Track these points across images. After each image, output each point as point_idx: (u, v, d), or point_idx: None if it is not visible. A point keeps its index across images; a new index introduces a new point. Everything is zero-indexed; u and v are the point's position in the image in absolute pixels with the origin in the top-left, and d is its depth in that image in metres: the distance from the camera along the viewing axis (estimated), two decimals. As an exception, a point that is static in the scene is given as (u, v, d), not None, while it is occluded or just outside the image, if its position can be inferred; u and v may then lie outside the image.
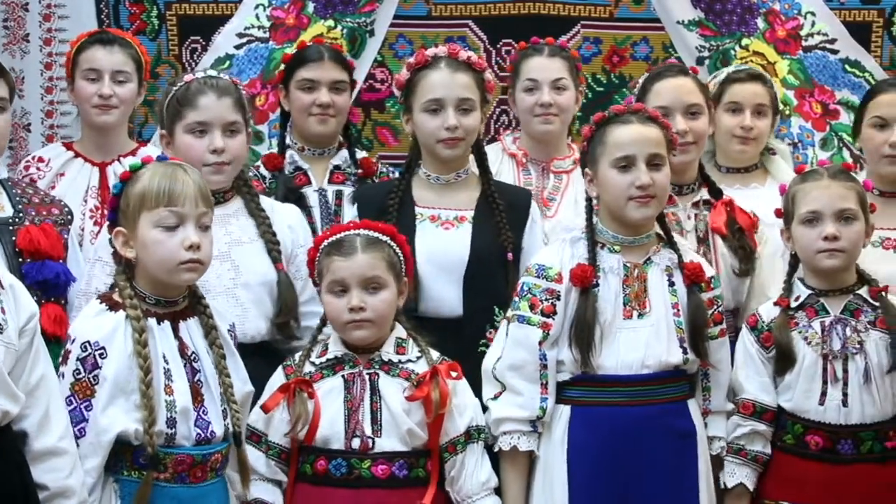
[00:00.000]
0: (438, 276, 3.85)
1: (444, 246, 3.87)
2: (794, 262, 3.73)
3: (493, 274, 3.86)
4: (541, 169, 4.53)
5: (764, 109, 4.45)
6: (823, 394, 3.56)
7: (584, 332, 3.52)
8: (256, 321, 3.78)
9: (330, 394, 3.49)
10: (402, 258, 3.60)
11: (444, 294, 3.87)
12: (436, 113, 3.91)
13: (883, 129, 4.06)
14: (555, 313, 3.57)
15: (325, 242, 3.59)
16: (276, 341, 3.82)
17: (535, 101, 4.46)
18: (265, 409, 3.47)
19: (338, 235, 3.58)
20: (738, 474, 3.60)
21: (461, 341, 3.79)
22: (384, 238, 3.58)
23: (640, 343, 3.54)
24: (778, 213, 3.78)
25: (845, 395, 3.56)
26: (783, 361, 3.59)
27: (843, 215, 3.59)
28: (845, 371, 3.57)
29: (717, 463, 3.65)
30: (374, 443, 3.45)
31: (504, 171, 4.46)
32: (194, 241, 3.21)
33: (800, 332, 3.61)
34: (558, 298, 3.57)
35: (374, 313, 3.50)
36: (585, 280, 3.55)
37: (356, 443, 3.45)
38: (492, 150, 4.50)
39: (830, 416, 3.55)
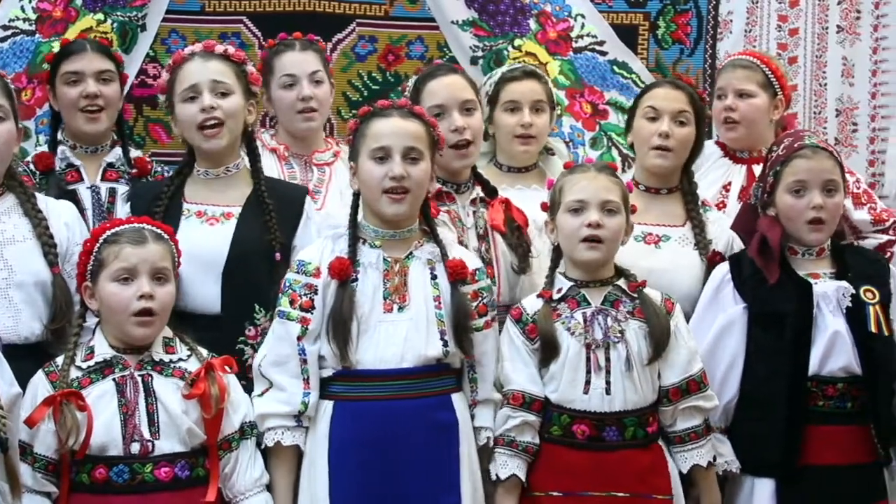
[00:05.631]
0: (198, 272, 3.80)
1: (205, 242, 3.83)
2: (556, 256, 3.82)
3: (255, 271, 3.82)
4: (303, 163, 4.55)
5: (541, 106, 4.47)
6: (588, 382, 3.64)
7: (339, 326, 3.54)
8: (30, 322, 3.70)
9: (102, 399, 3.41)
10: (176, 259, 3.58)
11: (204, 290, 3.82)
12: (192, 100, 3.90)
13: (654, 121, 4.17)
14: (313, 308, 3.59)
15: (109, 232, 3.51)
16: (49, 344, 3.71)
17: (295, 96, 4.48)
18: (30, 423, 3.34)
19: (123, 227, 3.52)
20: (510, 465, 3.64)
21: (220, 338, 3.75)
22: (166, 235, 3.56)
23: (398, 337, 3.57)
24: (544, 207, 3.85)
25: (608, 383, 3.65)
26: (547, 351, 3.67)
27: (606, 206, 3.69)
28: (608, 360, 3.66)
29: (487, 454, 3.69)
30: (153, 445, 3.39)
31: (267, 166, 4.41)
32: None
33: (563, 323, 3.69)
34: (316, 293, 3.60)
35: (160, 305, 3.46)
36: (343, 273, 3.58)
37: (135, 447, 3.38)
38: None
39: (595, 404, 3.64)
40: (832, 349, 3.79)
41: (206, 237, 3.85)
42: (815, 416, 3.79)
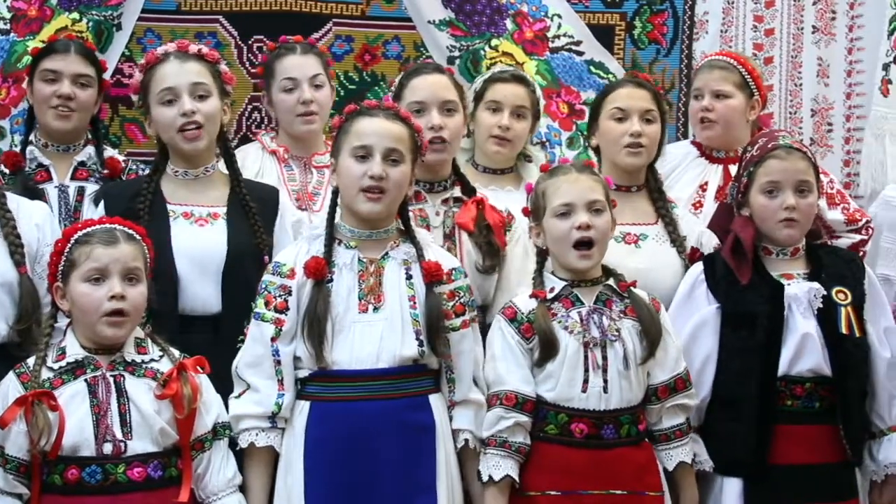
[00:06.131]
0: (194, 273, 3.82)
1: (200, 243, 3.85)
2: (542, 258, 3.82)
3: (250, 270, 3.82)
4: (303, 165, 4.56)
5: (523, 112, 4.49)
6: (586, 381, 3.64)
7: (314, 326, 3.53)
8: None
9: (74, 399, 3.39)
10: (148, 259, 3.56)
11: (203, 291, 3.84)
12: (171, 104, 3.90)
13: (622, 121, 4.18)
14: (287, 309, 3.59)
15: (81, 233, 3.49)
16: (15, 345, 3.69)
17: (295, 99, 4.48)
18: (1, 424, 3.32)
19: (95, 227, 3.50)
20: (504, 466, 3.61)
21: (220, 338, 3.77)
22: (138, 236, 3.54)
23: (374, 337, 3.56)
24: (525, 212, 3.85)
25: (605, 381, 3.64)
26: (546, 350, 3.65)
27: (593, 207, 3.70)
28: (604, 358, 3.66)
29: (466, 455, 3.68)
30: (126, 446, 3.38)
31: (267, 168, 4.46)
32: None
33: (559, 322, 3.68)
34: (290, 294, 3.59)
35: (131, 305, 3.44)
36: (318, 272, 3.57)
37: (108, 447, 3.36)
38: (252, 150, 4.55)
39: (592, 402, 3.64)
40: (802, 350, 3.80)
41: (197, 238, 3.87)
42: (782, 415, 3.79)
